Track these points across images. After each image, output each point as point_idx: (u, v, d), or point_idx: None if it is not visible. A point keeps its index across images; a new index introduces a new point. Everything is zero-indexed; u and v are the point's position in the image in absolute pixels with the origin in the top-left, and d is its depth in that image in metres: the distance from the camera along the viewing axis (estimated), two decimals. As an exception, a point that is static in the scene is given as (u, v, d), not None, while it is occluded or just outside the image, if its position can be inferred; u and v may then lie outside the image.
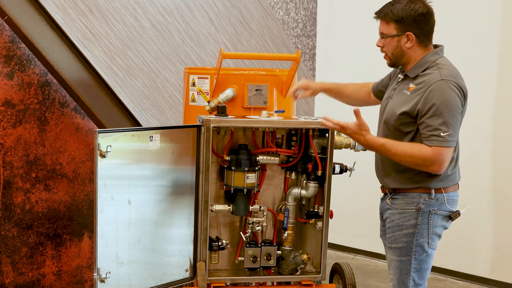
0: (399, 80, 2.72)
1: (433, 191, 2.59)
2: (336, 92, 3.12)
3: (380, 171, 2.78)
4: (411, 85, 2.60)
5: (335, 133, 3.06)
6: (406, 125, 2.58)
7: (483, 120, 4.60)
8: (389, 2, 2.65)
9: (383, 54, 2.75)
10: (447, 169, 2.56)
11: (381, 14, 2.66)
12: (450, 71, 2.55)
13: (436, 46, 2.68)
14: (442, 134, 2.46)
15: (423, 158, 2.48)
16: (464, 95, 2.53)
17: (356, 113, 2.57)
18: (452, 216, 2.63)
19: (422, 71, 2.59)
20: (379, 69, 5.27)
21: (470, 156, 4.26)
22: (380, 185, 2.83)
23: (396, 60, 2.69)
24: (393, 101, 2.67)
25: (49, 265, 3.65)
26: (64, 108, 3.62)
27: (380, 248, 5.35)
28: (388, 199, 2.74)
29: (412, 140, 2.57)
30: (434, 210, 2.60)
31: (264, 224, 3.15)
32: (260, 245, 3.13)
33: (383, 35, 2.69)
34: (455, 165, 2.63)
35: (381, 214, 2.84)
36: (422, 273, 2.66)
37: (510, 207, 4.54)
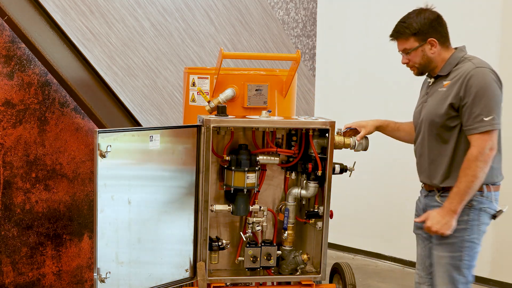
0: (429, 84, 2.82)
1: (485, 188, 2.64)
2: (393, 128, 3.14)
3: (425, 169, 2.80)
4: (445, 82, 2.70)
5: (335, 133, 3.06)
6: (452, 120, 2.64)
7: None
8: (399, 22, 2.77)
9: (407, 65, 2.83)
10: (494, 161, 2.61)
11: (397, 34, 2.76)
12: (481, 60, 2.67)
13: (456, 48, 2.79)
14: (485, 119, 2.54)
15: (476, 157, 2.55)
16: (500, 82, 2.63)
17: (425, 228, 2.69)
18: (496, 215, 2.70)
19: (454, 67, 2.70)
20: (379, 69, 5.30)
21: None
22: (423, 182, 2.86)
23: (424, 68, 2.78)
24: (431, 103, 2.75)
25: (49, 265, 3.65)
26: (64, 108, 3.62)
27: (380, 248, 5.41)
28: (437, 196, 2.74)
29: (458, 134, 2.64)
30: (484, 207, 2.66)
31: (264, 224, 3.14)
32: (260, 245, 3.13)
33: (406, 51, 2.76)
34: (500, 158, 2.70)
35: (424, 210, 2.82)
36: (471, 270, 2.70)
37: (510, 207, 4.54)
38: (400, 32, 2.74)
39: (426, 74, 2.83)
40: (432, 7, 2.77)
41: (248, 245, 3.11)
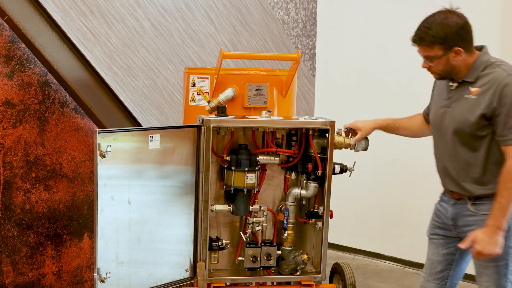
0: (452, 88, 2.69)
1: None
2: (392, 128, 3.10)
3: (453, 177, 2.70)
4: (474, 89, 2.59)
5: (335, 133, 3.06)
6: (483, 129, 2.57)
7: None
8: (423, 26, 2.60)
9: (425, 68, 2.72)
10: None
11: (421, 42, 2.60)
12: (510, 66, 2.58)
13: (476, 48, 2.67)
14: None
15: None
16: None
17: (475, 254, 2.60)
18: None
19: (481, 72, 2.59)
20: (379, 69, 5.30)
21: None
22: (450, 190, 2.75)
23: (446, 75, 2.66)
24: (458, 110, 2.63)
25: (49, 265, 3.65)
26: (64, 108, 3.62)
27: (380, 248, 5.40)
28: (470, 205, 2.67)
29: (490, 143, 2.57)
30: None
31: (264, 224, 3.14)
32: (260, 245, 3.13)
33: (429, 59, 2.62)
34: None
35: (454, 219, 2.74)
36: None
37: None
38: (424, 39, 2.58)
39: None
40: (457, 9, 2.59)
41: (248, 245, 3.11)
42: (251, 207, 3.10)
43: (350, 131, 3.14)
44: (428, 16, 2.63)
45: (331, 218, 3.10)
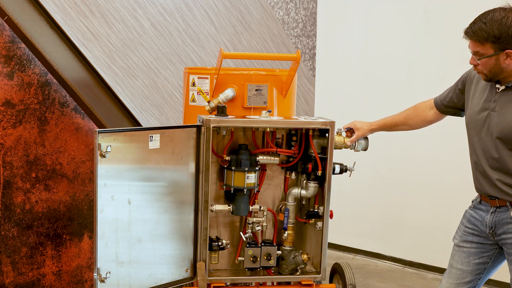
0: (498, 90, 2.57)
1: None
2: (390, 125, 3.06)
3: (496, 184, 2.59)
4: None
5: (335, 133, 3.06)
6: None
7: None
8: (479, 20, 2.47)
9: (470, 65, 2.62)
10: None
11: (474, 36, 2.48)
12: None
13: None
14: None
15: None
16: None
17: None
18: None
19: None
20: (379, 69, 5.29)
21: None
22: (489, 195, 2.63)
23: (493, 76, 2.53)
24: (504, 115, 2.52)
25: (49, 265, 3.65)
26: (64, 108, 3.62)
27: (380, 248, 5.40)
28: None
29: None
30: None
31: (264, 224, 3.14)
32: (260, 245, 3.13)
33: (478, 55, 2.50)
34: None
35: (492, 228, 2.64)
36: None
37: None
38: (477, 34, 2.45)
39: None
40: None
41: (248, 245, 3.11)
42: (251, 207, 3.10)
43: (351, 131, 3.14)
44: (488, 10, 2.50)
45: (331, 218, 3.10)
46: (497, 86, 2.57)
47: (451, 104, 2.86)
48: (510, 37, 2.41)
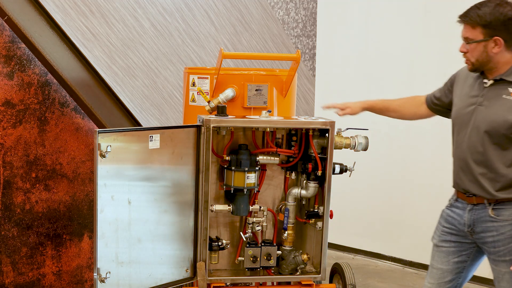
0: (485, 85, 2.59)
1: None
2: (381, 108, 3.06)
3: (477, 180, 2.61)
4: None
5: (335, 133, 3.06)
6: None
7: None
8: (475, 6, 2.53)
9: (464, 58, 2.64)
10: None
11: (466, 18, 2.53)
12: None
13: None
14: None
15: None
16: None
17: None
18: None
19: None
20: (379, 69, 5.29)
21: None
22: (467, 192, 2.66)
23: (480, 66, 2.57)
24: (494, 111, 2.54)
25: (49, 265, 3.65)
26: (64, 108, 3.62)
27: (380, 248, 5.40)
28: (491, 210, 2.58)
29: None
30: None
31: (264, 224, 3.14)
32: (260, 245, 3.13)
33: (468, 40, 2.54)
34: None
35: (471, 226, 2.65)
36: None
37: None
38: (470, 18, 2.50)
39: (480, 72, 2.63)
40: None
41: (248, 245, 3.11)
42: (251, 207, 3.10)
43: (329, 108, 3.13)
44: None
45: (331, 218, 3.10)
46: (485, 81, 2.60)
47: (440, 103, 2.88)
48: (501, 24, 2.47)
